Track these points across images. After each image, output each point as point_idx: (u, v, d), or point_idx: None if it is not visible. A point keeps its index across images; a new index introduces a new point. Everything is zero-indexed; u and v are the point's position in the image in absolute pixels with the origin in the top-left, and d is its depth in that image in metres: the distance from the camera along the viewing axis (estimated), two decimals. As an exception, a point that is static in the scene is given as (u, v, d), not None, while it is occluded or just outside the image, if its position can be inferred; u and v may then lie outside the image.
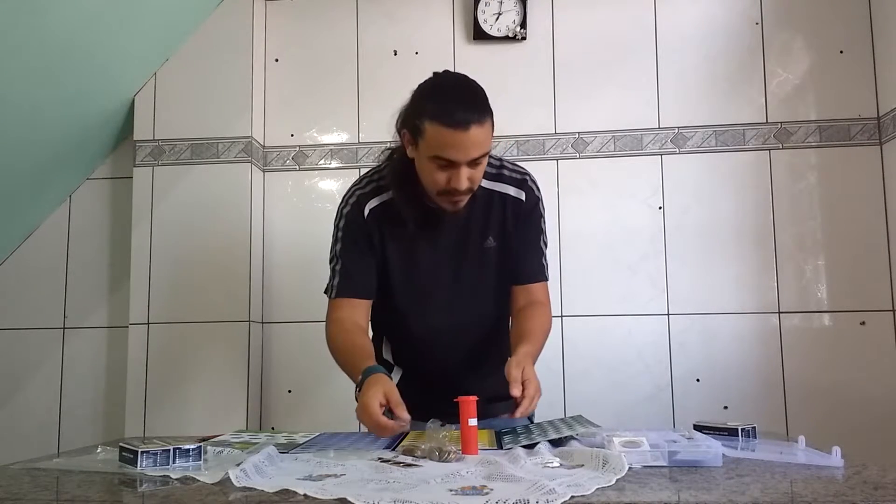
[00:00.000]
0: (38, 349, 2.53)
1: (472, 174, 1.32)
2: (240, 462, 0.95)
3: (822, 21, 2.37)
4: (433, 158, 1.30)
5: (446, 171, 1.31)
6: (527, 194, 1.48)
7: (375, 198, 1.46)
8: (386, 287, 1.49)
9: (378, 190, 1.47)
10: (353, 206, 1.47)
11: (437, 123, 1.28)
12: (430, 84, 1.37)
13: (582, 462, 0.98)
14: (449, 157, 1.29)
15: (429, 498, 0.79)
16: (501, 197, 1.47)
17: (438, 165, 1.31)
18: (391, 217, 1.44)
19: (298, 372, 2.45)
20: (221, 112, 2.44)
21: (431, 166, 1.32)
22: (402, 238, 1.45)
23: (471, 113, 1.28)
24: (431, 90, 1.35)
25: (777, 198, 2.34)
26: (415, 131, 1.33)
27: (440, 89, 1.35)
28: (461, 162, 1.29)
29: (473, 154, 1.29)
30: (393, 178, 1.43)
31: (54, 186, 2.50)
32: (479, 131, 1.28)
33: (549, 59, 2.45)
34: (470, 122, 1.27)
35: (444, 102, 1.30)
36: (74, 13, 1.94)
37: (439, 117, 1.28)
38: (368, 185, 1.49)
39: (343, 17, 2.54)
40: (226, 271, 2.38)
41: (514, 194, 1.47)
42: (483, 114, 1.30)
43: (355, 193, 1.48)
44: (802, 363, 2.27)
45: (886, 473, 0.91)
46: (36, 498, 0.89)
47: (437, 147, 1.29)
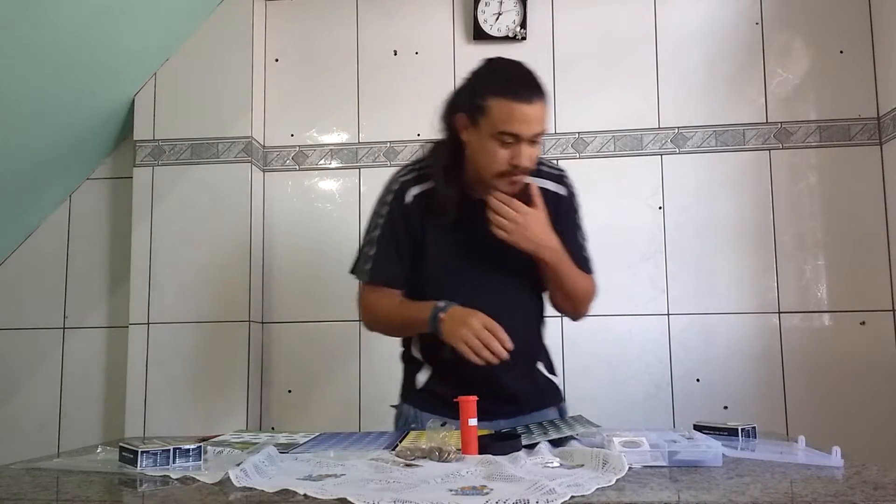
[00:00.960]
0: (38, 349, 2.53)
1: (531, 153, 1.35)
2: (240, 462, 0.95)
3: (822, 21, 2.37)
4: (497, 135, 1.32)
5: (509, 147, 1.33)
6: (567, 189, 1.51)
7: (417, 186, 1.46)
8: (421, 276, 1.47)
9: (420, 178, 1.47)
10: (395, 193, 1.47)
11: (504, 98, 1.31)
12: (489, 65, 1.40)
13: (582, 462, 0.98)
14: (515, 131, 1.31)
15: (429, 498, 0.79)
16: (542, 192, 1.46)
17: (502, 143, 1.33)
18: (432, 206, 1.44)
19: (298, 372, 2.45)
20: (221, 112, 2.44)
21: (494, 145, 1.34)
22: (441, 227, 1.44)
23: (535, 90, 1.34)
24: (493, 70, 1.39)
25: (777, 198, 2.34)
26: (475, 111, 1.35)
27: (502, 69, 1.39)
28: (525, 136, 1.32)
29: (536, 129, 1.33)
30: (437, 166, 1.44)
31: (54, 186, 2.50)
32: (541, 108, 1.33)
33: (549, 59, 2.46)
34: (534, 97, 1.32)
35: (508, 78, 1.35)
36: (74, 13, 1.94)
37: (505, 92, 1.32)
38: (410, 173, 1.49)
39: (343, 17, 2.54)
40: (226, 271, 2.38)
41: (553, 189, 1.49)
42: (544, 93, 1.35)
43: (398, 181, 1.48)
44: (802, 363, 2.27)
45: (886, 473, 0.91)
46: (36, 498, 0.89)
47: (502, 121, 1.31)
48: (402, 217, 1.45)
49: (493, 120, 1.32)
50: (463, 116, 1.38)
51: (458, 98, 1.41)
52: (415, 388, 1.51)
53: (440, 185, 1.42)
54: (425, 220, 1.45)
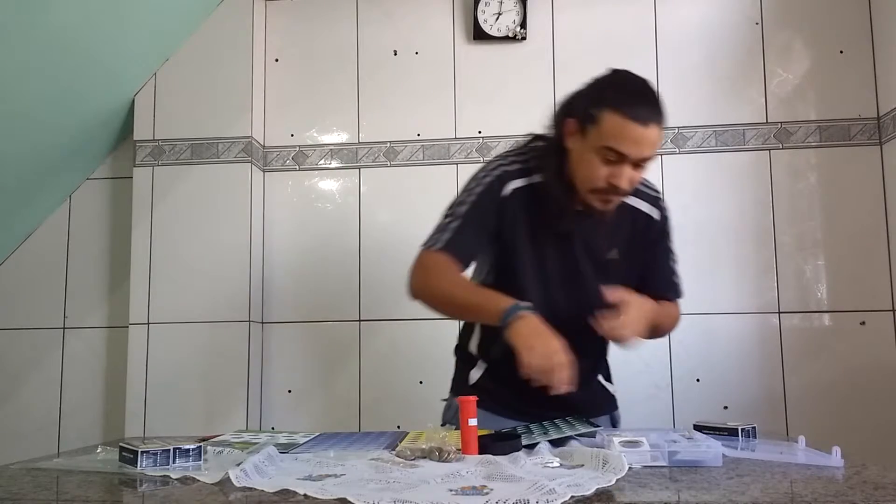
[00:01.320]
0: (38, 349, 2.53)
1: (632, 176, 1.30)
2: (240, 462, 0.95)
3: (822, 21, 2.37)
4: (602, 149, 1.27)
5: (611, 166, 1.28)
6: (661, 212, 1.48)
7: (519, 179, 1.40)
8: (503, 272, 1.43)
9: (523, 172, 1.40)
10: (496, 178, 1.40)
11: (619, 113, 1.25)
12: (613, 76, 1.35)
13: (582, 462, 0.98)
14: (621, 150, 1.26)
15: (429, 498, 0.79)
16: (633, 211, 1.44)
17: (605, 158, 1.28)
18: (531, 203, 1.38)
19: (298, 372, 2.45)
20: (221, 112, 2.44)
21: (596, 159, 1.29)
22: (535, 227, 1.39)
23: (654, 112, 1.26)
24: (614, 81, 1.33)
25: (777, 198, 2.34)
26: (586, 119, 1.29)
27: (624, 82, 1.33)
28: (631, 158, 1.27)
29: (646, 152, 1.27)
30: (549, 169, 1.37)
31: (54, 186, 2.50)
32: (656, 132, 1.26)
33: (549, 59, 2.45)
34: (651, 120, 1.25)
35: (629, 95, 1.28)
36: (74, 13, 1.94)
37: (622, 108, 1.25)
38: (513, 164, 1.42)
39: (343, 17, 2.54)
40: (226, 271, 2.38)
41: (646, 211, 1.46)
42: (662, 117, 1.28)
43: (500, 167, 1.41)
44: (802, 363, 2.27)
45: (886, 473, 0.91)
46: (36, 498, 0.89)
47: (611, 137, 1.26)
48: (495, 205, 1.38)
49: (601, 133, 1.27)
50: (573, 122, 1.33)
51: (572, 102, 1.35)
52: (467, 383, 1.49)
53: (555, 189, 1.36)
54: (521, 217, 1.38)
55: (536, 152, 1.42)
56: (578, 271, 1.41)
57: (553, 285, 1.41)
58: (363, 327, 2.43)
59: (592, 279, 1.41)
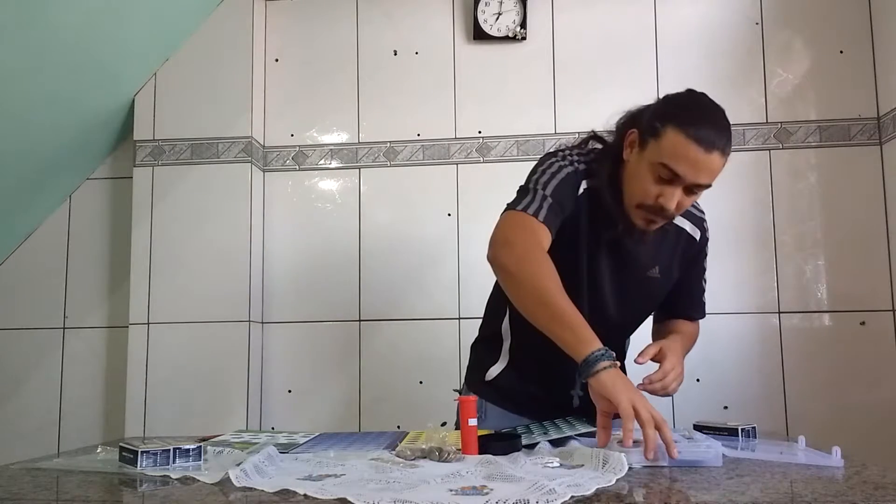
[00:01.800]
0: (38, 349, 2.53)
1: (683, 200, 1.26)
2: (240, 462, 0.95)
3: (822, 21, 2.37)
4: (657, 165, 1.23)
5: (662, 185, 1.24)
6: (702, 234, 1.46)
7: (586, 180, 1.35)
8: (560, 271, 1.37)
9: (587, 174, 1.35)
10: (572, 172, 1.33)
11: (683, 132, 1.20)
12: (686, 95, 1.30)
13: (582, 462, 0.98)
14: (676, 170, 1.21)
15: (429, 498, 0.79)
16: (677, 230, 1.42)
17: (658, 176, 1.24)
18: (593, 208, 1.34)
19: (298, 372, 2.45)
20: (221, 112, 2.44)
21: (649, 175, 1.25)
22: (588, 232, 1.35)
23: (720, 138, 1.21)
24: (686, 101, 1.29)
25: (777, 198, 2.34)
26: (649, 131, 1.26)
27: (696, 104, 1.28)
28: (685, 181, 1.22)
29: (702, 179, 1.22)
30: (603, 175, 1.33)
31: (54, 186, 2.50)
32: (718, 160, 1.21)
33: (549, 59, 2.45)
34: (715, 146, 1.20)
35: (698, 115, 1.24)
36: (74, 13, 1.94)
37: (688, 127, 1.21)
38: (582, 163, 1.36)
39: (343, 17, 2.54)
40: (226, 271, 2.38)
41: (689, 231, 1.44)
42: (728, 146, 1.23)
43: (574, 164, 1.35)
44: (802, 363, 2.27)
45: (886, 473, 0.91)
46: (36, 498, 0.89)
47: (669, 155, 1.21)
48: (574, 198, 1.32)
49: (660, 149, 1.23)
50: (634, 133, 1.30)
51: (639, 114, 1.33)
52: (484, 378, 1.47)
53: (606, 198, 1.32)
54: (583, 218, 1.34)
55: (596, 155, 1.38)
56: (617, 285, 1.39)
57: (588, 294, 1.37)
58: (363, 327, 2.43)
59: (630, 295, 1.40)
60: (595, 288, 1.37)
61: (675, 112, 1.25)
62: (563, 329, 1.16)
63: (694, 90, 1.32)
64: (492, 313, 1.54)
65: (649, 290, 1.42)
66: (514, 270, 1.23)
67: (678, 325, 1.48)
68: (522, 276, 1.22)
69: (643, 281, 1.40)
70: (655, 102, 1.32)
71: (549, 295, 1.18)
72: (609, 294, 1.38)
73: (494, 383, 1.46)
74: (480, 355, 1.53)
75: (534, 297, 1.21)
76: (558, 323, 1.17)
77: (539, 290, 1.20)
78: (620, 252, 1.37)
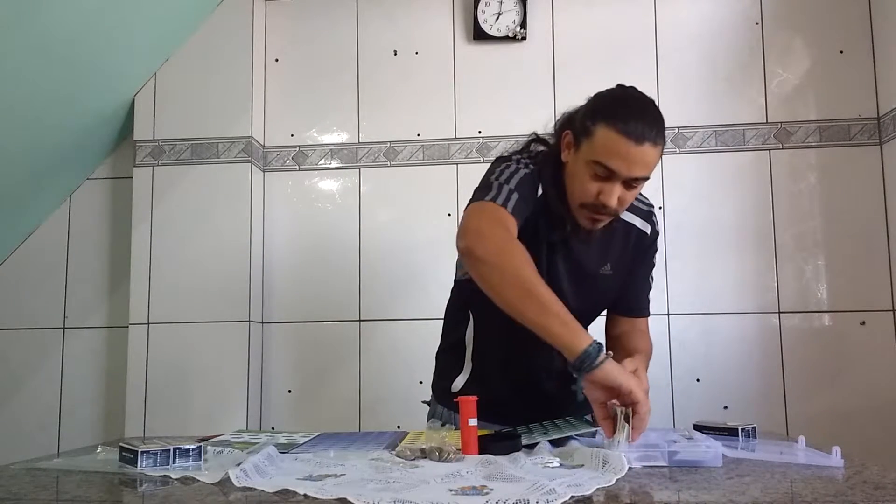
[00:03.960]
0: (38, 349, 2.53)
1: (623, 195, 1.26)
2: (240, 462, 0.95)
3: (822, 21, 2.37)
4: (592, 164, 1.23)
5: (600, 182, 1.24)
6: (652, 227, 1.45)
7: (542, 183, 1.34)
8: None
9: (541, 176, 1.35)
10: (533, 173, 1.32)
11: (612, 128, 1.21)
12: (615, 91, 1.30)
13: (582, 462, 0.98)
14: (610, 166, 1.21)
15: (429, 498, 0.79)
16: (627, 226, 1.41)
17: (594, 174, 1.24)
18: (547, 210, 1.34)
19: (298, 372, 2.45)
20: (221, 112, 2.44)
21: (587, 174, 1.25)
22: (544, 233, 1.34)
23: (650, 130, 1.21)
24: (614, 97, 1.29)
25: (777, 198, 2.34)
26: (582, 131, 1.26)
27: (624, 98, 1.28)
28: (621, 176, 1.22)
29: (636, 172, 1.22)
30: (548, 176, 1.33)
31: (54, 186, 2.50)
32: (650, 151, 1.21)
33: (549, 59, 2.46)
34: (645, 138, 1.20)
35: (625, 110, 1.23)
36: (74, 13, 1.94)
37: (616, 122, 1.21)
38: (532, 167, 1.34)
39: (343, 17, 2.54)
40: (226, 271, 2.38)
41: (639, 226, 1.44)
42: (659, 136, 1.22)
43: (529, 166, 1.34)
44: (802, 363, 2.27)
45: (886, 473, 0.91)
46: (36, 498, 0.89)
47: (602, 152, 1.22)
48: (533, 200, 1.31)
49: (593, 147, 1.23)
50: (569, 134, 1.30)
51: (574, 114, 1.32)
52: (449, 389, 1.46)
53: (551, 197, 1.32)
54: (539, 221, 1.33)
55: (542, 158, 1.39)
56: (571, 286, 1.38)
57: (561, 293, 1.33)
58: (363, 327, 2.43)
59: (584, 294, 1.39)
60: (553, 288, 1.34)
61: (603, 109, 1.25)
62: (553, 322, 1.13)
63: (624, 85, 1.32)
64: (453, 320, 1.51)
65: (603, 287, 1.42)
66: (496, 261, 1.18)
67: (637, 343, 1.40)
68: (504, 266, 1.17)
69: (597, 278, 1.41)
70: (587, 102, 1.31)
71: (534, 286, 1.15)
72: (567, 293, 1.37)
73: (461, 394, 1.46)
74: (443, 366, 1.52)
75: (518, 289, 1.16)
76: (547, 315, 1.13)
77: (523, 280, 1.15)
78: (572, 252, 1.37)
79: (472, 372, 1.45)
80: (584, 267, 1.39)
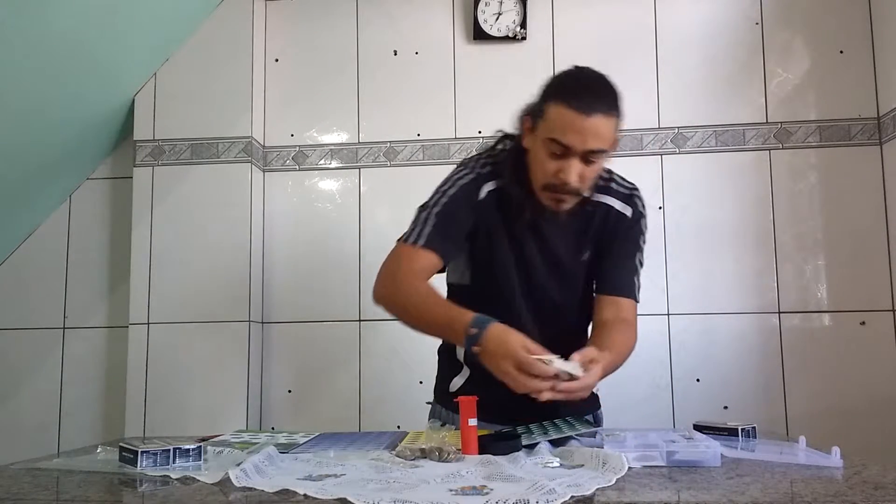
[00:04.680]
0: (38, 349, 2.53)
1: (583, 171, 1.27)
2: (240, 462, 0.95)
3: (822, 21, 2.37)
4: (548, 142, 1.26)
5: (558, 160, 1.26)
6: (634, 209, 1.42)
7: (492, 181, 1.38)
8: (477, 273, 1.43)
9: (494, 174, 1.39)
10: (471, 181, 1.38)
11: (561, 104, 1.24)
12: (566, 71, 1.34)
13: (582, 462, 0.98)
14: (565, 142, 1.24)
15: (429, 498, 0.79)
16: (605, 209, 1.40)
17: (551, 152, 1.26)
18: (504, 206, 1.37)
19: (298, 372, 2.45)
20: (221, 112, 2.44)
21: (544, 152, 1.27)
22: (508, 228, 1.38)
23: (598, 101, 1.24)
24: (564, 76, 1.33)
25: (777, 198, 2.34)
26: (536, 114, 1.30)
27: (573, 75, 1.32)
28: (576, 150, 1.24)
29: (591, 144, 1.24)
30: (509, 165, 1.37)
31: (54, 186, 2.50)
32: (602, 122, 1.23)
33: (549, 59, 2.46)
34: (594, 110, 1.22)
35: (575, 85, 1.27)
36: (74, 13, 1.94)
37: (564, 98, 1.24)
38: (486, 166, 1.40)
39: (343, 17, 2.54)
40: (226, 271, 2.38)
41: (619, 208, 1.42)
42: (610, 107, 1.25)
43: (475, 170, 1.40)
44: (802, 363, 2.27)
45: (886, 473, 0.91)
46: (36, 498, 0.89)
47: (555, 129, 1.25)
48: (472, 207, 1.37)
49: (547, 125, 1.26)
50: (528, 119, 1.33)
51: (532, 100, 1.35)
52: (448, 390, 1.47)
53: (511, 187, 1.35)
54: (497, 220, 1.38)
55: (503, 153, 1.42)
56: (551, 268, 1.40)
57: (524, 285, 1.40)
58: (363, 327, 2.43)
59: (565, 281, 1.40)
60: (527, 276, 1.40)
61: (554, 87, 1.29)
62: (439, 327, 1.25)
63: (578, 65, 1.36)
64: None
65: (579, 273, 1.42)
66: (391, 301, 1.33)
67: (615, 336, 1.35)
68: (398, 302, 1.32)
69: (575, 264, 1.41)
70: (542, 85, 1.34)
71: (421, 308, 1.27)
72: (544, 279, 1.40)
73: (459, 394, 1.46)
74: (443, 365, 1.54)
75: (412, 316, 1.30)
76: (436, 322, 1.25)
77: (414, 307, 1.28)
78: (547, 243, 1.38)
79: (471, 373, 1.46)
80: (561, 256, 1.40)
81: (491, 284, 1.41)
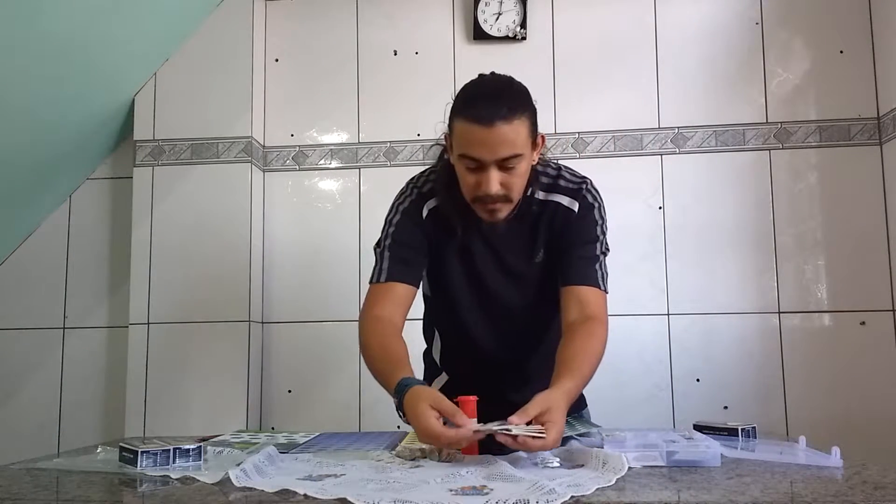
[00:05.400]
0: (38, 349, 2.53)
1: (504, 179, 1.24)
2: (240, 462, 0.95)
3: (822, 21, 2.37)
4: (462, 158, 1.25)
5: (475, 173, 1.25)
6: (580, 203, 1.37)
7: (432, 199, 1.39)
8: (443, 290, 1.44)
9: (433, 192, 1.40)
10: (411, 204, 1.40)
11: (462, 118, 1.23)
12: (466, 84, 1.32)
13: (582, 462, 0.98)
14: (474, 155, 1.23)
15: (429, 498, 0.79)
16: (554, 207, 1.37)
17: (467, 167, 1.25)
18: (446, 222, 1.38)
19: (298, 372, 2.45)
20: (221, 112, 2.44)
21: (462, 169, 1.27)
22: (450, 246, 1.39)
23: (496, 108, 1.20)
24: (463, 88, 1.31)
25: (777, 198, 2.34)
26: (449, 131, 1.29)
27: (470, 87, 1.30)
28: (487, 161, 1.22)
29: (500, 153, 1.21)
30: (439, 183, 1.37)
31: (54, 186, 2.50)
32: (506, 128, 1.20)
33: (549, 59, 2.45)
34: (494, 118, 1.20)
35: (471, 96, 1.26)
36: (74, 13, 1.94)
37: (464, 112, 1.23)
38: (426, 184, 1.41)
39: (343, 17, 2.54)
40: (226, 271, 2.38)
41: (566, 204, 1.38)
42: (512, 111, 1.21)
43: (414, 191, 1.41)
44: (802, 363, 2.27)
45: (886, 473, 0.91)
46: (36, 498, 0.89)
47: (462, 144, 1.24)
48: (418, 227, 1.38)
49: (457, 141, 1.26)
50: (447, 135, 1.33)
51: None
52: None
53: (444, 206, 1.36)
54: (440, 236, 1.38)
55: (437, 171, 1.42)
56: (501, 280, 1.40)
57: (478, 300, 1.41)
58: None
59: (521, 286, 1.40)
60: (480, 285, 1.40)
61: (456, 103, 1.28)
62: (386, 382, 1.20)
63: (482, 74, 1.34)
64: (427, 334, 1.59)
65: (534, 276, 1.41)
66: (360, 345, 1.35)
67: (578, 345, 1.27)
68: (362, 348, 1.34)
69: (529, 266, 1.40)
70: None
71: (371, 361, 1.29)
72: (499, 286, 1.40)
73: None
74: (426, 370, 1.57)
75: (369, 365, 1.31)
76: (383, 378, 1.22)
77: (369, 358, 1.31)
78: (496, 252, 1.39)
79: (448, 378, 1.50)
80: (511, 263, 1.40)
81: (446, 297, 1.43)
